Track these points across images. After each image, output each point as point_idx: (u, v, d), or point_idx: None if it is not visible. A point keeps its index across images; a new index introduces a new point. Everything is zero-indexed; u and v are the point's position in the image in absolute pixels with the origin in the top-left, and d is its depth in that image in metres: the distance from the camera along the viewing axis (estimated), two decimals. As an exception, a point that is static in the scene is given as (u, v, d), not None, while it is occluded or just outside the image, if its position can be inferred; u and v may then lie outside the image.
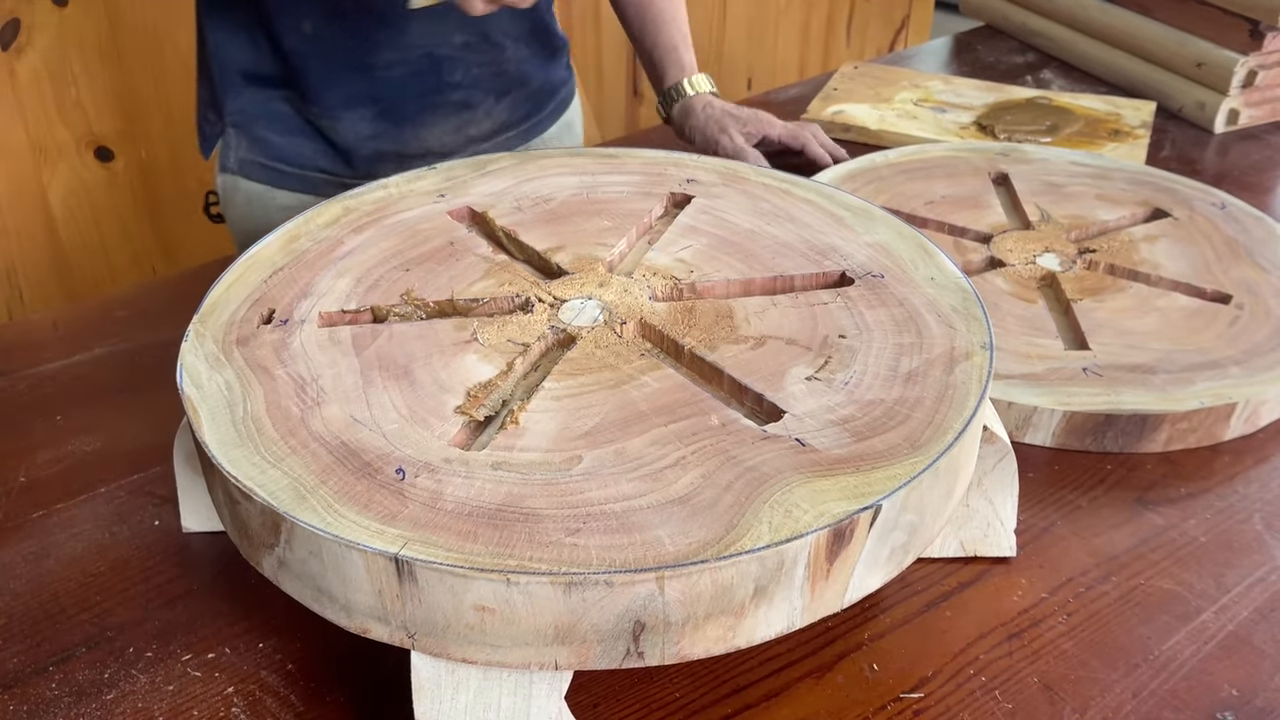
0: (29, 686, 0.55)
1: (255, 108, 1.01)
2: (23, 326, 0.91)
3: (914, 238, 0.67)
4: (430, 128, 1.04)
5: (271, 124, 1.02)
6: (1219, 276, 0.82)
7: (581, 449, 0.50)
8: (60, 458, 0.70)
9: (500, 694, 0.46)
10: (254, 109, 1.01)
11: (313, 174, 1.04)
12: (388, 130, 1.02)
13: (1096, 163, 0.99)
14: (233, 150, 1.03)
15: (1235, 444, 0.72)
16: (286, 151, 1.03)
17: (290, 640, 0.57)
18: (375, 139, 1.02)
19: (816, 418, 0.52)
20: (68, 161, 1.58)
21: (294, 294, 0.62)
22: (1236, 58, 1.15)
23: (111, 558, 0.62)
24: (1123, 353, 0.74)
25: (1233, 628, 0.58)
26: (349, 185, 0.97)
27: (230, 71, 1.00)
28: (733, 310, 0.61)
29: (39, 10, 1.48)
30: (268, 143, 1.02)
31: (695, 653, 0.46)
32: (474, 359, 0.57)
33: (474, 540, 0.45)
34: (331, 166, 1.03)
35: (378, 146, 1.03)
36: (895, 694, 0.54)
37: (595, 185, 0.74)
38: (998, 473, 0.60)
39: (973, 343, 0.57)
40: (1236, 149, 1.14)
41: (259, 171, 1.03)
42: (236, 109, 1.01)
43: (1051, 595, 0.60)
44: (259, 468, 0.49)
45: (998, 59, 1.38)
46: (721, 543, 0.44)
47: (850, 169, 0.97)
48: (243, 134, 1.02)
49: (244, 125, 1.02)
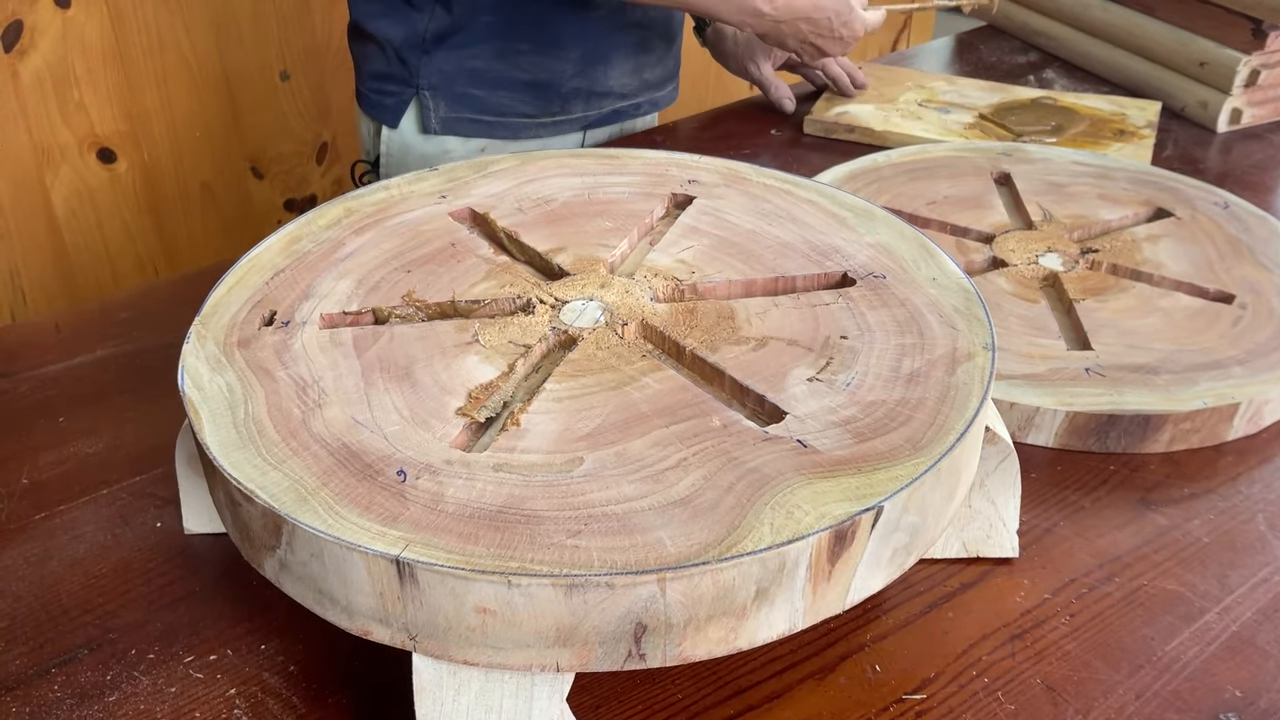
0: (31, 688, 0.55)
1: (451, 67, 1.09)
2: (25, 328, 0.91)
3: (916, 238, 0.67)
4: (615, 66, 1.14)
5: (471, 81, 1.10)
6: (1222, 276, 0.82)
7: (583, 450, 0.50)
8: (62, 459, 0.70)
9: (502, 696, 0.46)
10: (450, 69, 1.09)
11: (514, 120, 1.13)
12: (584, 69, 1.12)
13: (1099, 162, 0.99)
14: (432, 112, 1.11)
15: (1238, 444, 0.71)
16: (489, 103, 1.11)
17: (292, 642, 0.57)
18: (575, 76, 1.12)
19: (818, 419, 0.52)
20: (70, 163, 1.58)
21: (295, 296, 0.62)
22: (1239, 57, 1.15)
23: (114, 559, 0.62)
24: (1125, 353, 0.74)
25: (1236, 628, 0.58)
26: (546, 125, 1.13)
27: (424, 37, 1.08)
28: (734, 311, 0.60)
29: (42, 12, 1.49)
30: (470, 98, 1.11)
31: (697, 654, 0.46)
32: (475, 360, 0.57)
33: (475, 542, 0.45)
34: (531, 108, 1.13)
35: (575, 84, 1.12)
36: (897, 695, 0.54)
37: (596, 186, 0.74)
38: (1000, 473, 0.60)
39: (975, 343, 0.57)
40: (1239, 148, 1.14)
41: (465, 126, 1.12)
42: (432, 71, 1.09)
43: (1054, 596, 0.60)
44: (260, 470, 0.49)
45: (1000, 58, 1.38)
46: (723, 544, 0.44)
47: (852, 169, 0.97)
48: (441, 95, 1.10)
49: (442, 86, 1.10)
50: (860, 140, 1.14)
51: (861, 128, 1.15)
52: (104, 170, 1.62)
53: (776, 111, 1.22)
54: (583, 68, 1.12)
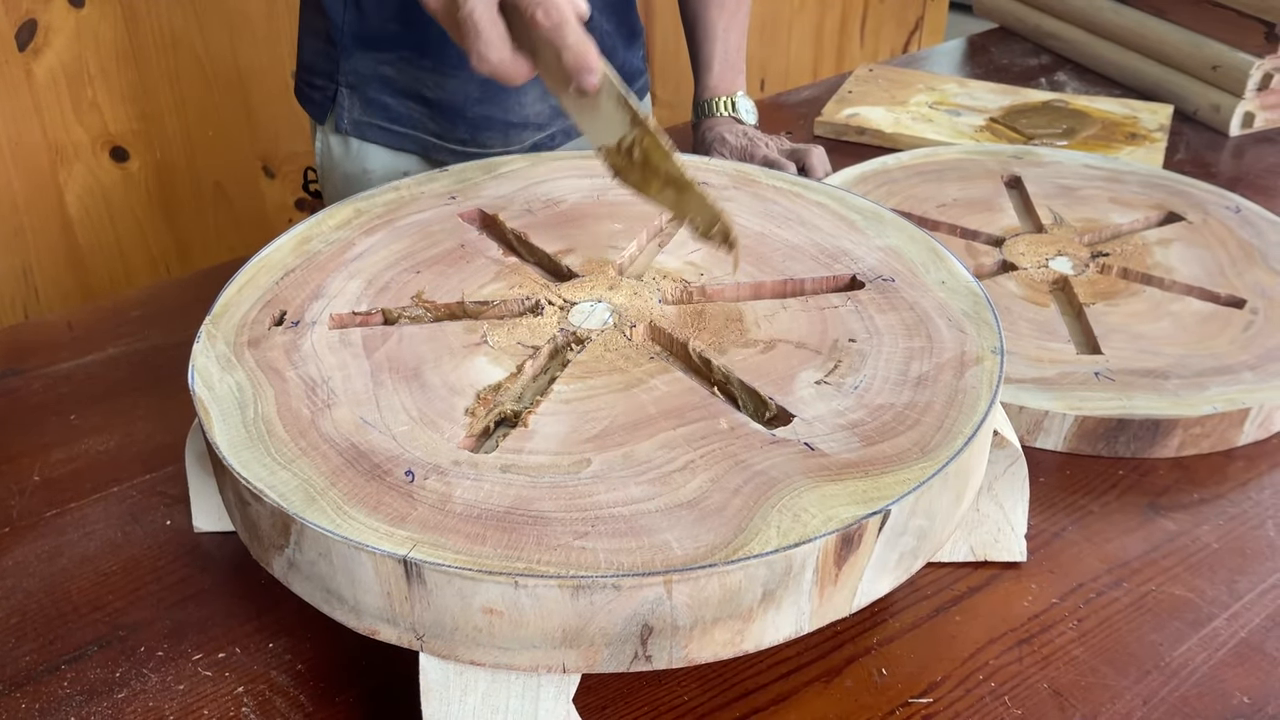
0: (41, 685, 0.55)
1: (368, 69, 1.05)
2: (38, 326, 0.91)
3: (925, 241, 0.67)
4: (526, 93, 1.08)
5: (384, 87, 1.06)
6: (1233, 281, 0.82)
7: (590, 452, 0.50)
8: (74, 457, 0.71)
9: (508, 696, 0.47)
10: (367, 71, 1.05)
11: (424, 136, 1.08)
12: (491, 94, 1.06)
13: (1110, 165, 0.99)
14: (346, 112, 1.08)
15: (1248, 449, 0.71)
16: (400, 114, 1.07)
17: (300, 640, 0.57)
18: (481, 103, 1.06)
19: (826, 422, 0.52)
20: (84, 162, 1.59)
21: (305, 296, 0.62)
22: (1252, 60, 1.15)
23: (124, 557, 0.63)
24: (1135, 357, 0.73)
25: (1245, 635, 0.58)
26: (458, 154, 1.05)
27: (344, 35, 1.04)
28: (742, 313, 0.61)
29: (56, 11, 1.49)
30: (382, 104, 1.07)
31: (703, 657, 0.46)
32: (484, 361, 0.57)
33: (482, 543, 0.45)
34: (440, 130, 1.08)
35: (483, 111, 1.07)
36: (904, 699, 0.54)
37: (606, 188, 0.74)
38: (1008, 477, 0.60)
39: (983, 347, 0.57)
40: (1252, 152, 1.14)
41: (374, 132, 1.08)
42: (350, 70, 1.06)
43: (1062, 601, 0.60)
44: (269, 469, 0.49)
45: (1011, 61, 1.38)
46: (730, 547, 0.44)
47: (862, 171, 0.97)
48: (356, 96, 1.07)
49: (358, 87, 1.06)
50: (871, 143, 1.14)
51: (872, 130, 1.15)
52: (117, 169, 1.63)
53: (787, 114, 1.22)
54: (489, 93, 1.05)
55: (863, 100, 1.21)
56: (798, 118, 1.22)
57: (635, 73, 1.18)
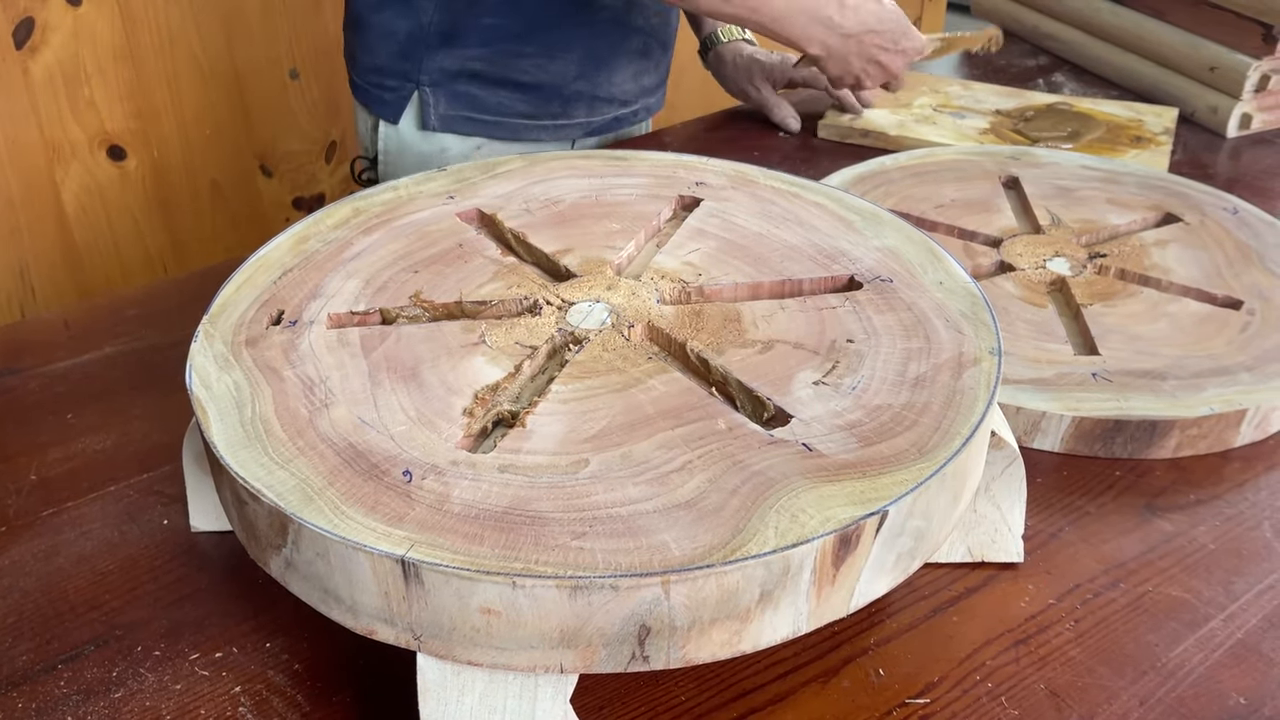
0: (38, 684, 0.55)
1: (453, 66, 1.10)
2: (34, 325, 0.91)
3: (923, 242, 0.67)
4: (617, 71, 1.15)
5: (472, 80, 1.10)
6: (1230, 282, 0.82)
7: (588, 452, 0.50)
8: (70, 456, 0.71)
9: (506, 696, 0.47)
10: (452, 67, 1.10)
11: (512, 120, 1.13)
12: (587, 71, 1.12)
13: (1107, 166, 0.99)
14: (432, 109, 1.12)
15: (1245, 450, 0.71)
16: (488, 103, 1.12)
17: (297, 640, 0.57)
18: (577, 80, 1.12)
19: (823, 422, 0.52)
20: (80, 160, 1.59)
21: (303, 295, 0.62)
22: (1250, 61, 1.15)
23: (121, 556, 0.63)
24: (1133, 358, 0.73)
25: (1241, 635, 0.58)
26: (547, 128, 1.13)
27: (427, 35, 1.08)
28: (740, 314, 0.61)
29: (53, 10, 1.49)
30: (469, 97, 1.11)
31: (700, 657, 0.46)
32: (482, 361, 0.57)
33: (480, 543, 0.45)
34: (530, 110, 1.13)
35: (577, 88, 1.13)
36: (901, 699, 0.54)
37: (604, 188, 0.74)
38: (1006, 478, 0.60)
39: (981, 348, 0.57)
40: (1249, 153, 1.14)
41: (463, 124, 1.13)
42: (434, 69, 1.10)
43: (1059, 602, 0.60)
44: (266, 469, 0.49)
45: (1010, 62, 1.38)
46: (727, 547, 0.44)
47: (859, 172, 0.97)
48: (441, 92, 1.11)
49: (443, 84, 1.10)
50: (874, 145, 1.14)
51: (876, 132, 1.15)
52: (114, 167, 1.62)
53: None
54: (585, 71, 1.12)
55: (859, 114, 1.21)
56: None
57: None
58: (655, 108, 1.25)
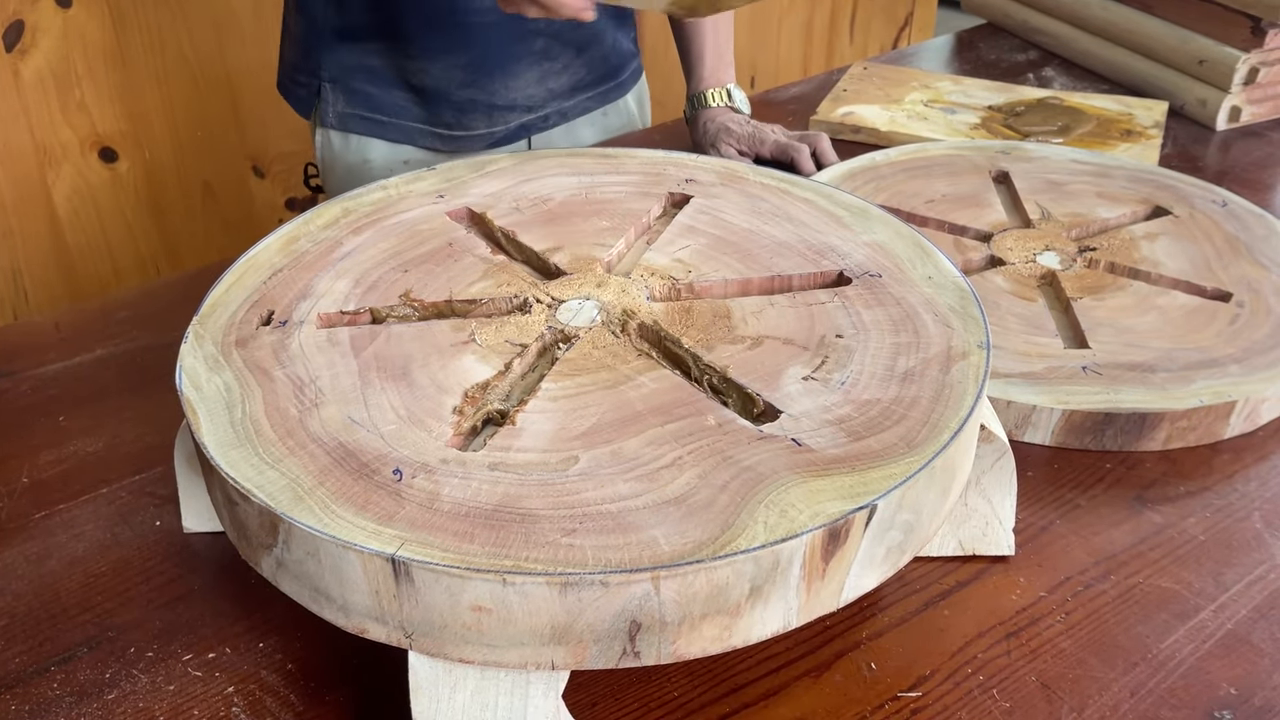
0: (31, 686, 0.55)
1: (350, 61, 1.07)
2: (26, 327, 0.91)
3: (912, 237, 0.67)
4: (516, 77, 1.09)
5: (368, 78, 1.08)
6: (1219, 274, 0.82)
7: (578, 449, 0.50)
8: (62, 458, 0.71)
9: (497, 694, 0.47)
10: (349, 63, 1.07)
11: (409, 124, 1.10)
12: (477, 79, 1.07)
13: (1097, 160, 0.99)
14: (330, 106, 1.09)
15: (1235, 442, 0.72)
16: (383, 103, 1.09)
17: (290, 640, 0.57)
18: (466, 87, 1.07)
19: (813, 417, 0.52)
20: (72, 163, 1.59)
21: (293, 295, 0.62)
22: (1238, 55, 1.15)
23: (113, 558, 0.63)
24: (1122, 351, 0.74)
25: (1231, 626, 0.58)
26: (444, 137, 1.07)
27: (323, 30, 1.06)
28: (730, 310, 0.61)
29: (43, 12, 1.49)
30: (365, 95, 1.08)
31: (691, 652, 0.46)
32: (472, 360, 0.57)
33: (470, 541, 0.45)
34: (426, 116, 1.09)
35: (469, 95, 1.08)
36: (893, 693, 0.54)
37: (594, 185, 0.74)
38: (996, 471, 0.60)
39: (969, 342, 0.57)
40: (1238, 146, 1.14)
41: (358, 124, 1.10)
42: (332, 64, 1.07)
43: (1050, 594, 0.60)
44: (257, 469, 0.49)
45: (999, 56, 1.38)
46: (717, 543, 0.44)
47: (850, 167, 0.97)
48: (339, 89, 1.08)
49: (340, 80, 1.08)
50: (866, 141, 1.14)
51: (867, 128, 1.15)
52: (105, 169, 1.62)
53: (776, 110, 1.22)
54: (475, 77, 1.07)
55: (858, 99, 1.21)
56: (787, 114, 1.22)
57: (628, 55, 1.19)
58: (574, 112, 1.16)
